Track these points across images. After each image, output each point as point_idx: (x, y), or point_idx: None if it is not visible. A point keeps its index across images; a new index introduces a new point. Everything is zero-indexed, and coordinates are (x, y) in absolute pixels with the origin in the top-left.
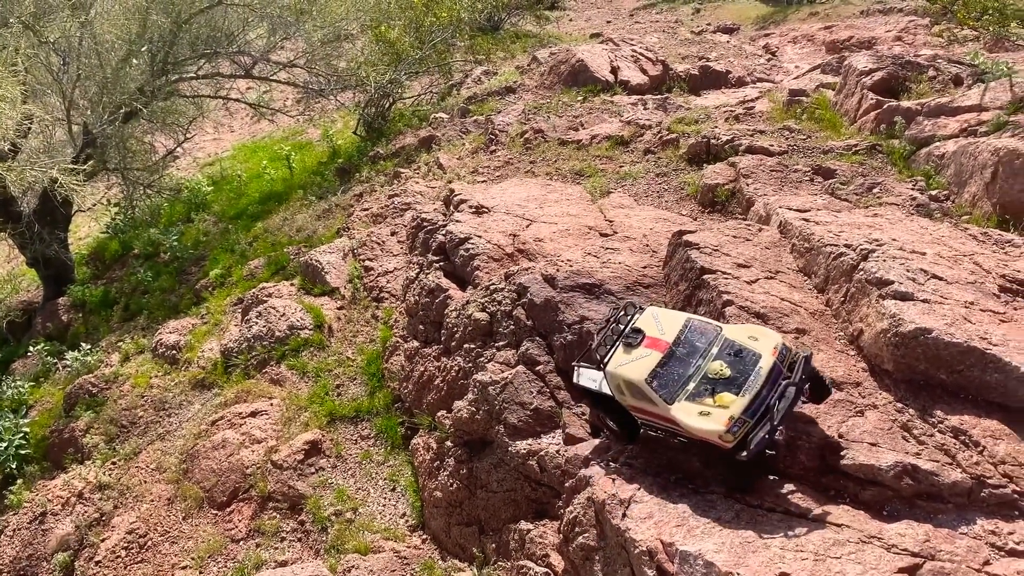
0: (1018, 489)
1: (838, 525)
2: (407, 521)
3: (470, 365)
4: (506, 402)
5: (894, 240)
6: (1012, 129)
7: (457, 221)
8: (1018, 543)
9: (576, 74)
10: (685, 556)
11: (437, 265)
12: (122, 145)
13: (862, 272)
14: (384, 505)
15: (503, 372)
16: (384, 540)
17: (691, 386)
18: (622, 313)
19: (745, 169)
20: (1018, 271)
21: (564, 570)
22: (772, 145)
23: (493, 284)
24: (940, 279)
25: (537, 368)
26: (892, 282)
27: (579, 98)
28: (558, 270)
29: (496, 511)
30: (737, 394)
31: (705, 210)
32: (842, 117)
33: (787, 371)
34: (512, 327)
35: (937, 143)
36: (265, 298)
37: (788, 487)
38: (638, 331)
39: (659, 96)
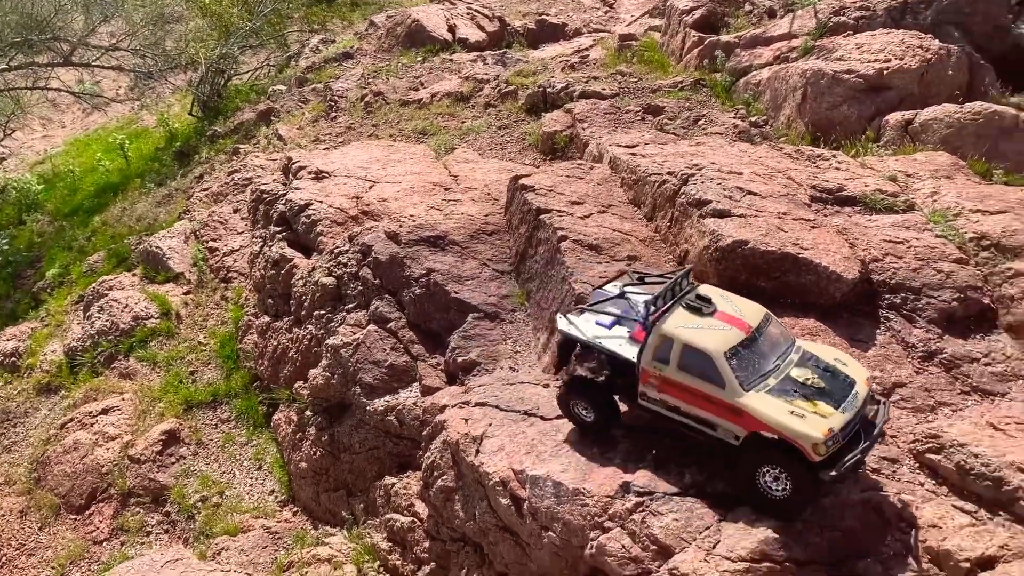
0: None
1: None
2: (276, 497)
3: (322, 332)
4: (360, 363)
5: (713, 164)
6: (817, 52)
7: (297, 189)
8: None
9: (413, 35)
10: (535, 480)
11: (280, 236)
12: None
13: (683, 196)
14: (252, 485)
15: (355, 334)
16: (254, 519)
17: (772, 382)
18: (678, 276)
19: (580, 114)
20: (826, 181)
21: (428, 515)
22: (604, 89)
23: (338, 247)
24: (755, 195)
25: (389, 325)
26: (710, 202)
27: (418, 59)
28: (401, 226)
29: (362, 472)
30: (837, 408)
31: (547, 157)
32: (669, 57)
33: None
34: (360, 288)
35: (754, 72)
36: (106, 292)
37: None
38: (706, 299)
39: (498, 52)
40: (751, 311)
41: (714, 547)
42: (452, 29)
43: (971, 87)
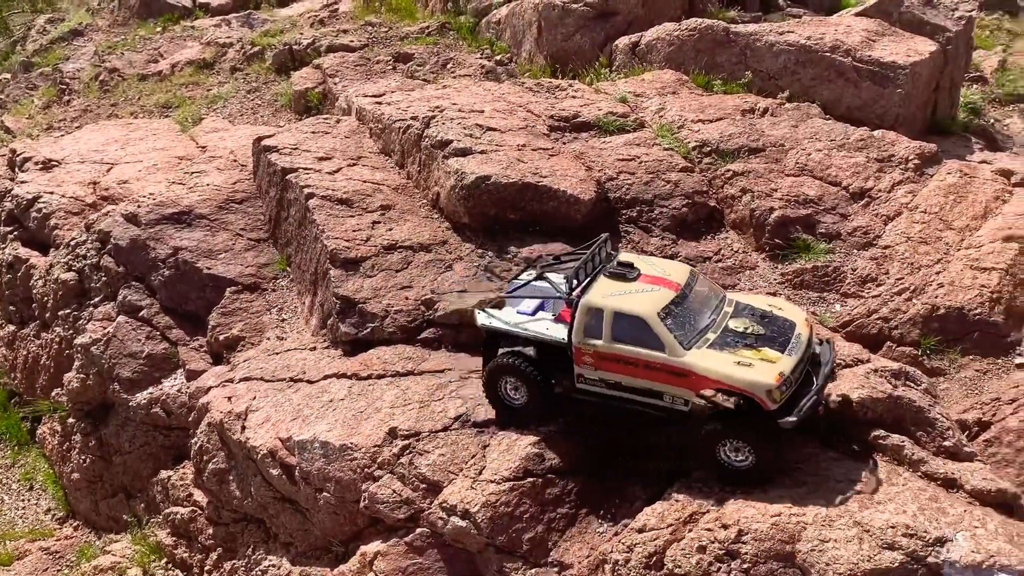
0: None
1: (441, 371)
2: (54, 515)
3: (71, 332)
4: (115, 358)
5: (455, 104)
6: None
7: (23, 182)
8: None
9: (149, 5)
10: (302, 445)
11: (12, 236)
12: None
13: (427, 139)
14: (24, 507)
15: (105, 328)
16: (30, 542)
17: (712, 336)
18: (594, 246)
19: (330, 68)
20: (563, 110)
21: (208, 502)
22: (353, 41)
23: (75, 239)
24: (496, 130)
25: (141, 314)
26: (451, 141)
27: (158, 29)
28: (140, 207)
29: (137, 471)
30: (783, 352)
31: (302, 116)
32: (416, 3)
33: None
34: (104, 279)
35: (494, 11)
36: None
37: (387, 351)
38: (628, 264)
39: (243, 13)
40: (676, 270)
41: (480, 473)
42: None
43: (693, 5)
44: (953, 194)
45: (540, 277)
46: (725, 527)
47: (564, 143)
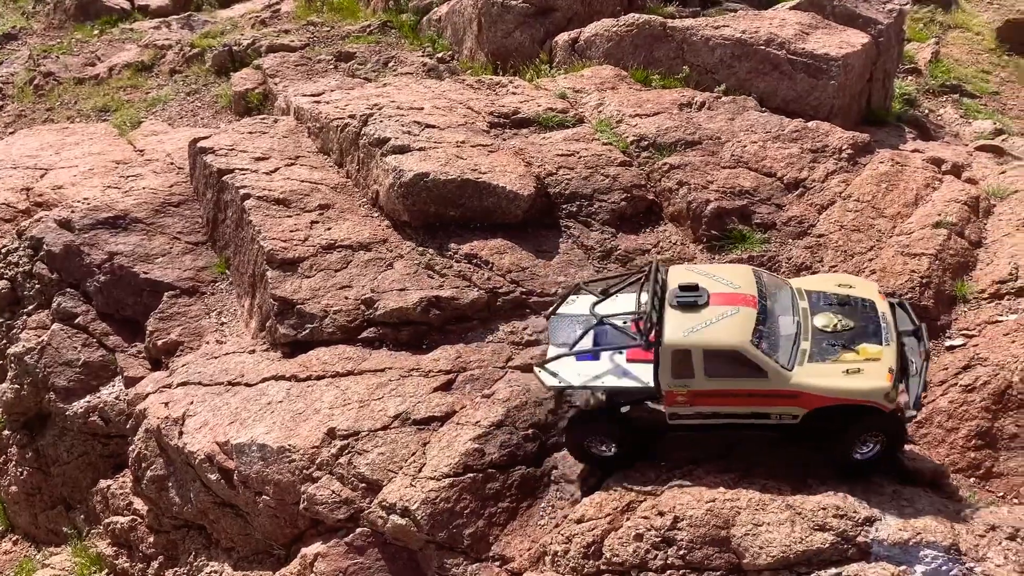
0: (524, 290)
1: (381, 370)
2: None
3: (3, 341)
4: (49, 367)
5: (393, 102)
6: None
7: None
8: (531, 335)
9: (86, 7)
10: (240, 448)
11: None
12: None
13: (365, 137)
14: None
15: (39, 337)
16: None
17: (806, 345)
18: (649, 273)
19: (271, 69)
20: (503, 107)
21: (148, 510)
22: (294, 41)
23: (6, 247)
24: (434, 127)
25: (76, 321)
26: (389, 139)
27: (95, 32)
28: (74, 212)
29: (76, 481)
30: (880, 343)
31: (242, 118)
32: (358, 2)
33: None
34: (37, 286)
35: (435, 8)
36: None
37: (327, 352)
38: (692, 287)
39: (183, 15)
40: (741, 277)
41: (420, 471)
42: None
43: (631, 0)
44: (885, 182)
45: (601, 322)
46: (661, 514)
47: (504, 139)
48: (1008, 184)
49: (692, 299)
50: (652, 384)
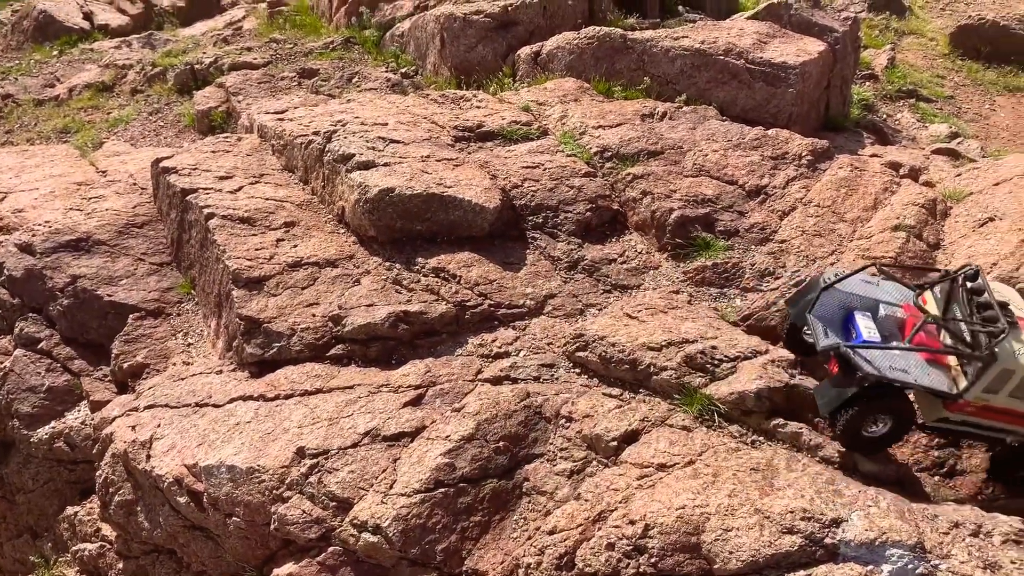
0: (492, 302)
1: (350, 387)
2: None
3: None
4: (12, 393)
5: (357, 118)
6: None
7: None
8: (500, 347)
9: (44, 28)
10: (209, 470)
11: None
12: None
13: (329, 153)
14: None
15: (1, 363)
16: None
17: None
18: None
19: (233, 87)
20: (467, 120)
21: (116, 536)
22: (256, 59)
23: None
24: (399, 142)
25: (40, 346)
26: (354, 155)
27: (54, 52)
28: (35, 235)
29: (43, 509)
30: None
31: (206, 136)
32: (321, 19)
33: None
34: None
35: (398, 24)
36: None
37: (295, 371)
38: (1004, 306)
39: (144, 34)
40: (1017, 298)
41: (391, 487)
42: (89, 16)
43: (592, 13)
44: (845, 187)
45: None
46: (632, 523)
47: (469, 153)
48: (963, 186)
49: (1013, 319)
50: (957, 391)
